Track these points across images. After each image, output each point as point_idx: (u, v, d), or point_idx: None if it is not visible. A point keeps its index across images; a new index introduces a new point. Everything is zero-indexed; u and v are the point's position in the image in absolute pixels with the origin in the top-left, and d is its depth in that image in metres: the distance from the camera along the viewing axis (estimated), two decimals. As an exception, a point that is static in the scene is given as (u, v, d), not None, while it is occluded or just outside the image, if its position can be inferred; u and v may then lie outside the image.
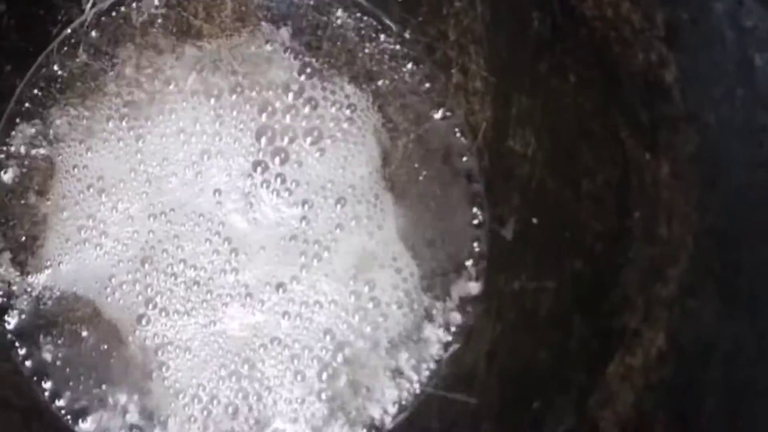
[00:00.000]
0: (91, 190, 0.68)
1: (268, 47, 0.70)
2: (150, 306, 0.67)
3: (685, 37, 0.57)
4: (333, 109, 0.69)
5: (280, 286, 0.68)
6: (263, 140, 0.69)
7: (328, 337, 0.67)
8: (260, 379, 0.67)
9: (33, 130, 0.69)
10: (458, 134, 0.69)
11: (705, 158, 0.57)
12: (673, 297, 0.58)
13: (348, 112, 0.69)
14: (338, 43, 0.70)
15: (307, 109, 0.69)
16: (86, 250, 0.68)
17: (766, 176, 0.54)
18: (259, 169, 0.68)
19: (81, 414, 0.67)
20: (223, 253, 0.68)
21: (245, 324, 0.67)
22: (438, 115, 0.69)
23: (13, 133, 0.69)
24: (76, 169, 0.69)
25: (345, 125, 0.69)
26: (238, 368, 0.67)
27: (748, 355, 0.54)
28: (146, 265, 0.68)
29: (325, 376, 0.67)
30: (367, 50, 0.70)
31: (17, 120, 0.69)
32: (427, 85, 0.70)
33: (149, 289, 0.68)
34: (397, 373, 0.67)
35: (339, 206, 0.68)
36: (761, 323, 0.54)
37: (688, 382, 0.56)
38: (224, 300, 0.68)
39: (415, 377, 0.67)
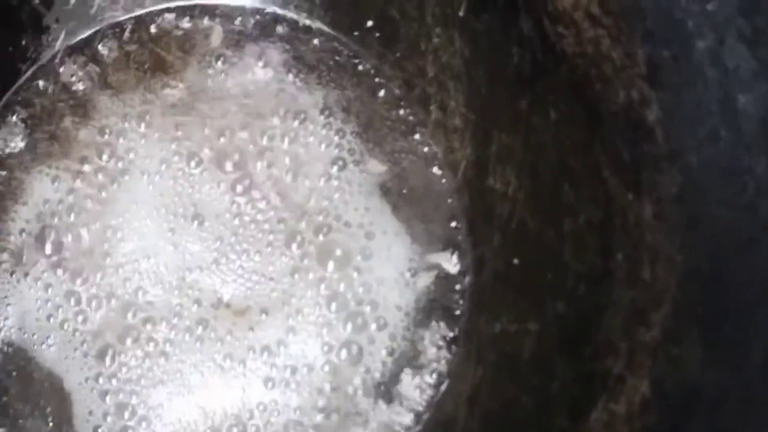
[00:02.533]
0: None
1: (249, 77, 0.69)
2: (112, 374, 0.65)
3: (667, 76, 0.56)
4: (311, 143, 0.68)
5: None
6: (238, 187, 0.67)
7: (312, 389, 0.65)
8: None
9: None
10: (438, 172, 0.68)
11: (689, 199, 0.56)
12: (657, 342, 0.56)
13: (322, 147, 0.68)
14: (315, 74, 0.69)
15: (285, 144, 0.68)
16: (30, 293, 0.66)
17: (750, 219, 0.53)
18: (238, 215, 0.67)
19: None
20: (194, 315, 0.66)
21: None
22: (418, 152, 0.68)
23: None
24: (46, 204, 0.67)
25: (324, 160, 0.68)
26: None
27: (734, 403, 0.52)
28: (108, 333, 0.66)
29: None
30: (345, 83, 0.69)
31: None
32: (407, 120, 0.68)
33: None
34: (379, 419, 0.65)
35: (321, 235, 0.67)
36: (747, 370, 0.52)
37: (673, 431, 0.54)
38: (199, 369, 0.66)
39: (397, 422, 0.65)
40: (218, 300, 0.66)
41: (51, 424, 0.64)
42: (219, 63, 0.69)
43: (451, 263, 0.67)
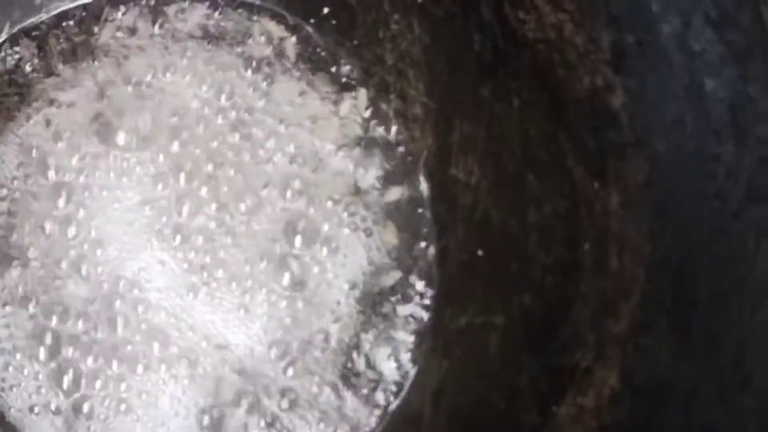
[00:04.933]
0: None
1: (201, 66, 0.67)
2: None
3: (632, 61, 0.55)
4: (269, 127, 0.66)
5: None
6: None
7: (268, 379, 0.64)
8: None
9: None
10: (400, 162, 0.66)
11: (656, 187, 0.55)
12: (626, 334, 0.55)
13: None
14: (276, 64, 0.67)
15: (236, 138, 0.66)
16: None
17: (719, 206, 0.52)
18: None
19: None
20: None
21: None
22: (378, 142, 0.66)
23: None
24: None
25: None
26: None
27: (707, 395, 0.51)
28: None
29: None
30: (299, 71, 0.67)
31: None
32: (367, 111, 0.67)
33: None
34: (341, 415, 0.64)
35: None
36: (719, 361, 0.51)
37: (644, 424, 0.53)
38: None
39: (358, 419, 0.63)
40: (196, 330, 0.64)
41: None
42: (173, 46, 0.66)
43: (415, 255, 0.65)
